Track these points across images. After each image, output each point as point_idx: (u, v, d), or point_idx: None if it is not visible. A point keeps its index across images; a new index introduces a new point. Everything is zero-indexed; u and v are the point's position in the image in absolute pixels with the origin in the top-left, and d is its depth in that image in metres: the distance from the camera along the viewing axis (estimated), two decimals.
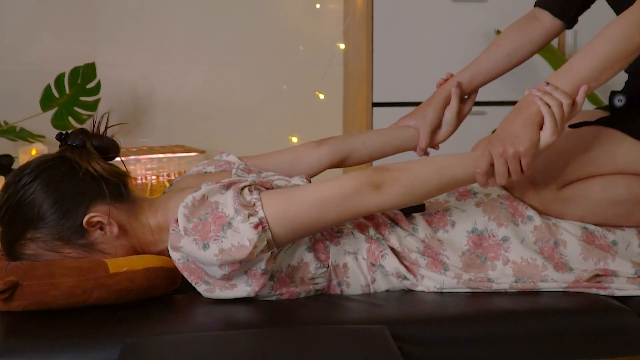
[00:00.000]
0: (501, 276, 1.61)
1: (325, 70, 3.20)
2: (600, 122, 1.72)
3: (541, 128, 1.52)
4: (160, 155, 2.99)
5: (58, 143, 1.58)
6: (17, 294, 1.40)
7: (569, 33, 3.11)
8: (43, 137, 2.95)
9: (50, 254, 1.50)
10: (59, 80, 2.93)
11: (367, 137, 1.89)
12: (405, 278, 1.61)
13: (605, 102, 2.03)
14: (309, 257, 1.57)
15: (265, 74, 3.35)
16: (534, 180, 1.66)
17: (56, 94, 2.93)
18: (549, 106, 1.51)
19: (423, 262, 1.61)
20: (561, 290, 1.62)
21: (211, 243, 1.43)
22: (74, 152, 1.54)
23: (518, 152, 1.50)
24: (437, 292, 1.62)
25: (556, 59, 2.91)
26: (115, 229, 1.52)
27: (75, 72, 2.95)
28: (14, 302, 1.41)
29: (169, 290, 1.56)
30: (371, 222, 1.63)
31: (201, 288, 1.51)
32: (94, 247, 1.52)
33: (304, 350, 1.32)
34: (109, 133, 1.63)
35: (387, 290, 1.63)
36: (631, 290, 1.62)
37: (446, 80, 1.93)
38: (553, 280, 1.61)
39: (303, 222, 1.49)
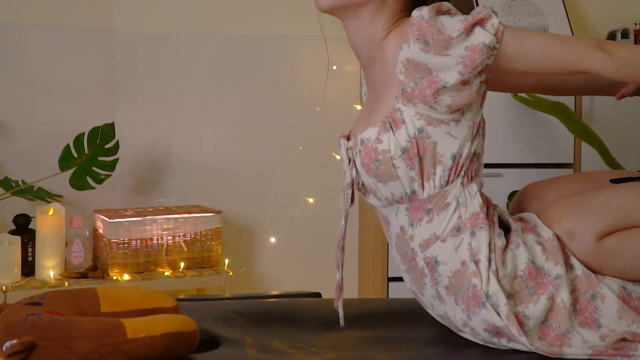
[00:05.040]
0: (536, 314, 1.62)
1: (342, 132, 3.23)
2: None
3: None
4: (177, 216, 3.00)
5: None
6: (33, 355, 1.39)
7: (585, 97, 3.12)
8: (60, 197, 2.97)
9: None
10: (78, 140, 2.96)
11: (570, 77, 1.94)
12: (477, 262, 1.62)
13: None
14: (447, 161, 1.63)
15: (282, 135, 3.37)
16: (572, 233, 1.68)
17: (75, 154, 2.95)
18: None
19: (493, 267, 1.63)
20: (586, 358, 1.60)
21: (457, 15, 1.64)
22: None
23: None
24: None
25: (573, 122, 2.92)
26: None
27: (94, 132, 2.97)
28: None
29: (186, 354, 1.54)
30: (488, 205, 1.69)
31: (417, 46, 1.58)
32: None
33: None
34: None
35: (436, 262, 1.64)
36: None
37: None
38: (577, 333, 1.61)
39: (531, 40, 1.62)
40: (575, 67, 1.62)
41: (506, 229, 1.70)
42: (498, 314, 1.61)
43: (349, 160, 1.72)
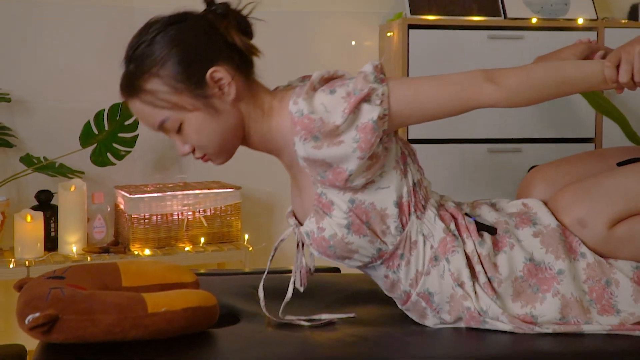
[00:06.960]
0: (547, 312, 1.60)
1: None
2: None
3: None
4: (197, 191, 3.01)
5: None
6: (56, 328, 1.41)
7: None
8: (82, 172, 2.99)
9: (168, 95, 1.57)
10: (99, 116, 2.98)
11: None
12: (461, 285, 1.61)
13: None
14: (393, 211, 1.60)
15: None
16: (583, 221, 1.65)
17: (95, 131, 2.97)
18: None
19: (482, 280, 1.61)
20: (605, 332, 1.60)
21: (338, 88, 1.55)
22: (216, 17, 1.61)
23: None
24: (471, 330, 1.61)
25: (594, 96, 2.90)
26: (233, 93, 1.59)
27: (114, 109, 2.99)
28: (52, 335, 1.42)
29: (207, 328, 1.56)
30: (454, 219, 1.66)
31: (309, 145, 1.54)
32: (209, 102, 1.58)
33: None
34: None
35: (430, 294, 1.62)
36: None
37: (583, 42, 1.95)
38: (597, 323, 1.60)
39: (420, 94, 1.57)
40: (470, 106, 1.58)
41: (493, 229, 1.67)
42: (502, 323, 1.60)
43: (297, 243, 1.74)
